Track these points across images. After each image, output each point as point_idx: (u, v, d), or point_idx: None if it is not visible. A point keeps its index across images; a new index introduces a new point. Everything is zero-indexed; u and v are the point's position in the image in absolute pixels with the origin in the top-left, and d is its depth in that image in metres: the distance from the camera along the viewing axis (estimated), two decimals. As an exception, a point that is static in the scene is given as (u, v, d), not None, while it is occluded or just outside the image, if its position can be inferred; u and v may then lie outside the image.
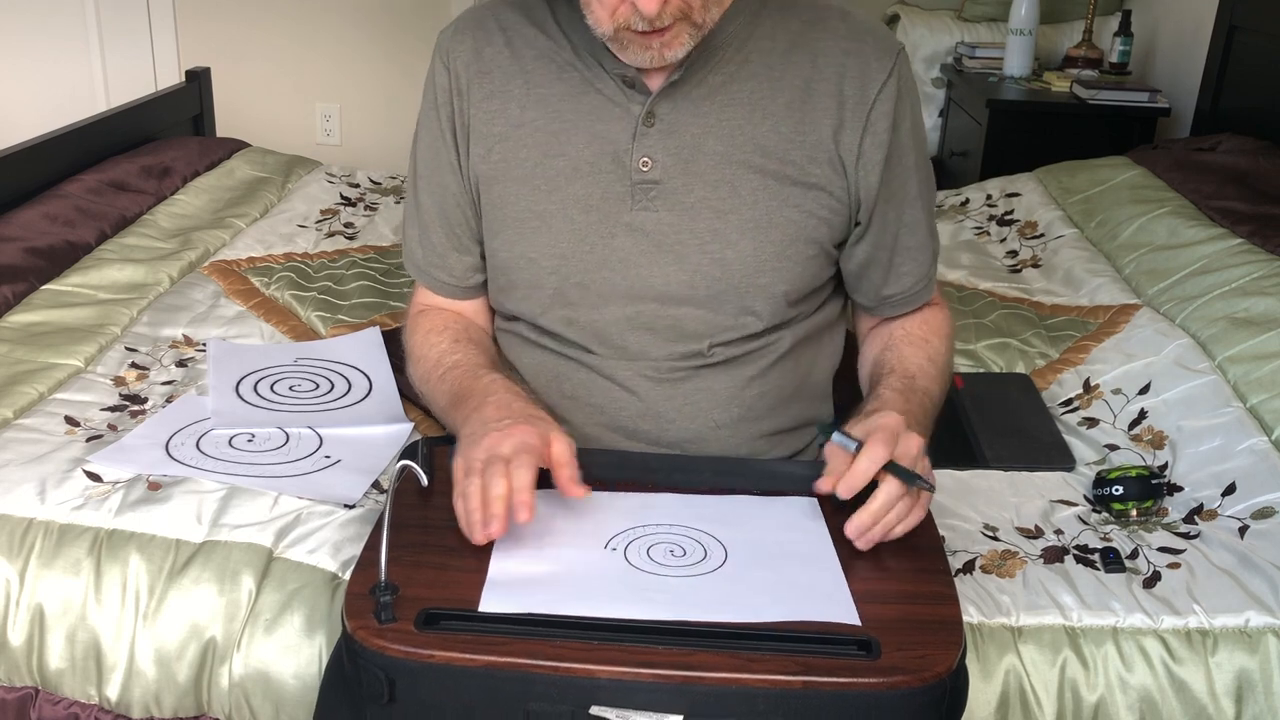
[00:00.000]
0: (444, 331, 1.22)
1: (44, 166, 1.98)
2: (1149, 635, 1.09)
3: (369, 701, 0.87)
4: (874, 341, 1.24)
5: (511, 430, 1.00)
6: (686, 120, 1.11)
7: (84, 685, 1.13)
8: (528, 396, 1.09)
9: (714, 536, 1.00)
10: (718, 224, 1.11)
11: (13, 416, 1.33)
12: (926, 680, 0.84)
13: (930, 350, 1.19)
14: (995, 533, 1.24)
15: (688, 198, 1.11)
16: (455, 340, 1.20)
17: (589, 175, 1.12)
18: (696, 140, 1.11)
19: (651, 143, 1.11)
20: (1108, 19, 3.18)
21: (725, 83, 1.11)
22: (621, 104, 1.12)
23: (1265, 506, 1.24)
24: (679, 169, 1.11)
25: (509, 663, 0.84)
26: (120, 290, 1.70)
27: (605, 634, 0.87)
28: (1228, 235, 1.80)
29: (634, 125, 1.11)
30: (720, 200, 1.11)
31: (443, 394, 1.15)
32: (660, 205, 1.12)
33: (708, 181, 1.11)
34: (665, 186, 1.11)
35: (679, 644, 0.86)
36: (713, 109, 1.11)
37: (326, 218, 2.14)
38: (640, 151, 1.11)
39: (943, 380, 1.19)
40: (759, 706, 0.83)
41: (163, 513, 1.17)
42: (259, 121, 3.48)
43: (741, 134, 1.11)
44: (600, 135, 1.12)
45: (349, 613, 0.89)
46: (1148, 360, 1.54)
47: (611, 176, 1.12)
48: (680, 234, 1.12)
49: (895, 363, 1.16)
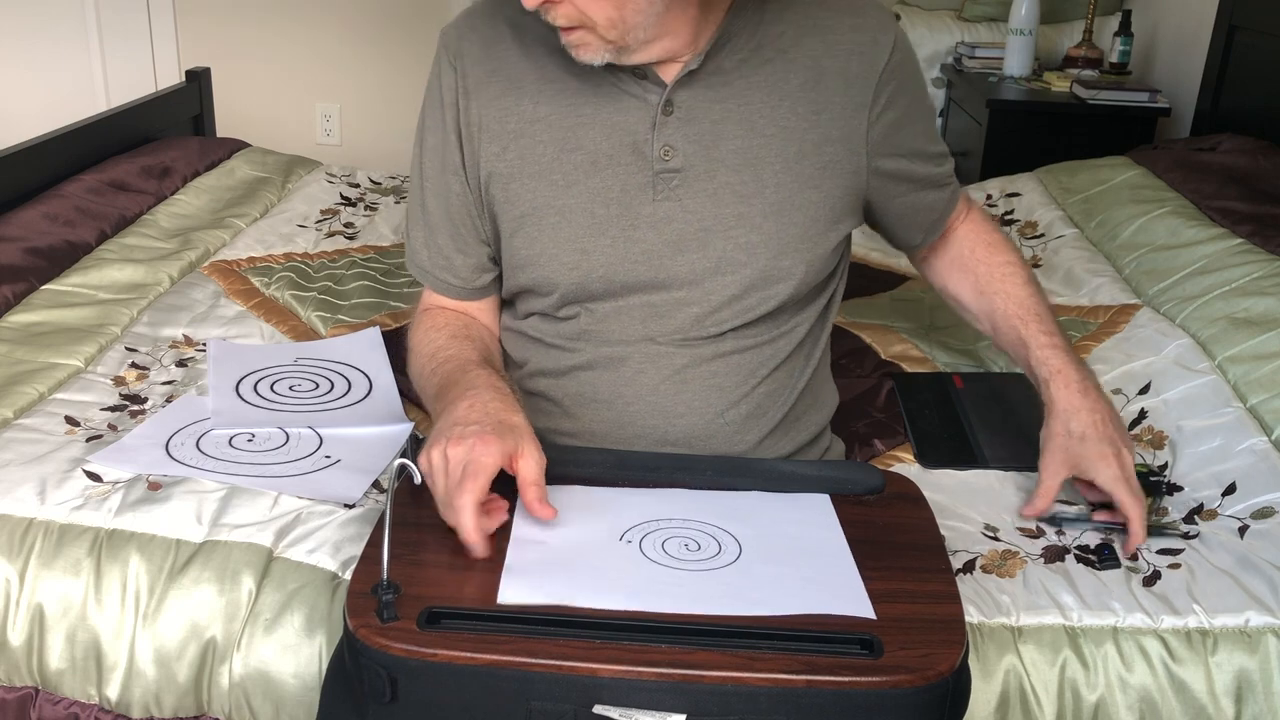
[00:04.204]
0: (444, 328, 1.21)
1: (44, 166, 1.98)
2: (1149, 635, 1.09)
3: (371, 700, 0.87)
4: (952, 273, 1.37)
5: (470, 442, 0.95)
6: (706, 108, 1.11)
7: (84, 685, 1.13)
8: (509, 398, 1.05)
9: (728, 531, 1.01)
10: (742, 209, 1.12)
11: (13, 416, 1.33)
12: (929, 679, 0.84)
13: (1009, 258, 1.35)
14: (995, 533, 1.24)
15: (710, 184, 1.12)
16: (453, 336, 1.20)
17: (608, 168, 1.12)
18: (717, 127, 1.11)
19: (672, 131, 1.11)
20: (1108, 19, 3.18)
21: (740, 68, 1.12)
22: (638, 94, 1.12)
23: (1265, 506, 1.24)
24: (701, 156, 1.11)
25: (511, 661, 0.84)
26: (120, 290, 1.70)
27: (608, 633, 0.87)
28: (1228, 235, 1.80)
29: (653, 115, 1.11)
30: (743, 185, 1.12)
31: (432, 385, 1.14)
32: (684, 194, 1.12)
33: (730, 167, 1.12)
34: (687, 174, 1.11)
35: (681, 643, 0.86)
36: (731, 95, 1.12)
37: (326, 218, 2.14)
38: (661, 140, 1.11)
39: (1037, 282, 1.35)
40: (761, 705, 0.83)
41: (163, 513, 1.17)
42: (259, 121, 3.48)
43: (761, 118, 1.12)
44: (619, 126, 1.12)
45: (351, 611, 0.88)
46: (1148, 360, 1.54)
47: (632, 168, 1.12)
48: (705, 221, 1.12)
49: (1013, 306, 1.31)
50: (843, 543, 0.99)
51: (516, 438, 0.98)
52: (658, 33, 1.07)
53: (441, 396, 1.08)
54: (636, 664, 0.84)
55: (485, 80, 1.15)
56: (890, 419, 1.49)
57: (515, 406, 1.03)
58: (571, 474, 1.10)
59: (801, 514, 1.04)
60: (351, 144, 3.79)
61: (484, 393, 1.03)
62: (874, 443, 1.44)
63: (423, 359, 1.19)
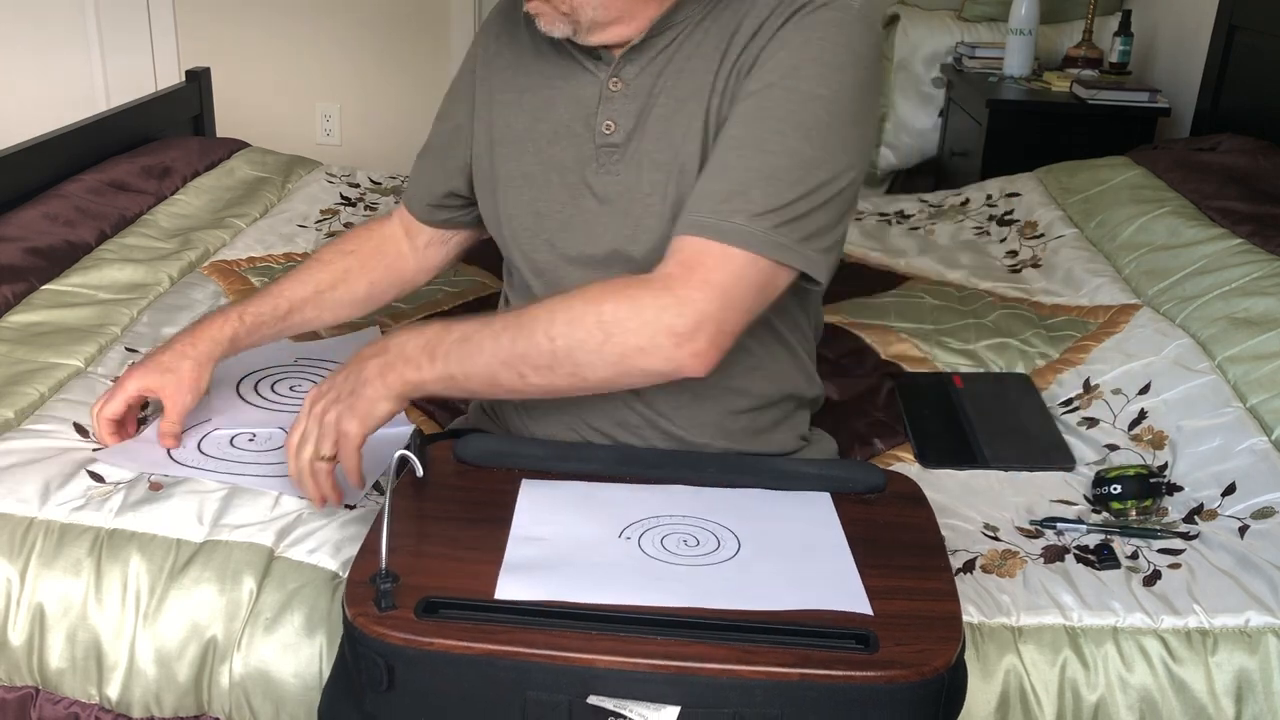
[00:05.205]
0: (344, 244, 1.39)
1: (44, 166, 1.98)
2: (1149, 635, 1.09)
3: (369, 689, 0.87)
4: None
5: (129, 368, 1.24)
6: (648, 82, 1.13)
7: (84, 685, 1.13)
8: (201, 345, 1.27)
9: (727, 527, 1.01)
10: (657, 176, 1.12)
11: (14, 417, 1.33)
12: (924, 675, 0.84)
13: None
14: (995, 532, 1.24)
15: (638, 155, 1.13)
16: (329, 259, 1.36)
17: (566, 139, 1.16)
18: (653, 101, 1.12)
19: (615, 106, 1.13)
20: (1108, 19, 3.18)
21: (680, 41, 1.12)
22: (593, 70, 1.15)
23: (1265, 506, 1.24)
24: (638, 131, 1.13)
25: (507, 651, 0.85)
26: (120, 290, 1.70)
27: (604, 624, 0.87)
28: (1228, 235, 1.80)
29: (600, 89, 1.14)
30: (659, 153, 1.12)
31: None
32: (621, 167, 1.13)
33: (652, 136, 1.12)
34: (625, 149, 1.13)
35: (677, 635, 0.86)
36: (669, 69, 1.12)
37: (326, 218, 2.14)
38: (604, 115, 1.14)
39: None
40: (756, 698, 0.83)
41: (163, 513, 1.17)
42: (259, 121, 3.48)
43: (688, 89, 1.11)
44: (576, 99, 1.16)
45: (349, 600, 0.89)
46: (1148, 360, 1.54)
47: (582, 139, 1.15)
48: (636, 195, 1.13)
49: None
50: (842, 540, 1.00)
51: (164, 381, 1.25)
52: (615, 15, 1.10)
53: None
54: (632, 655, 0.84)
55: (497, 53, 1.24)
56: (890, 419, 1.49)
57: (195, 355, 1.26)
58: (574, 470, 1.11)
59: (801, 511, 1.04)
60: (351, 144, 3.79)
61: (189, 334, 1.28)
62: (874, 442, 1.44)
63: (301, 264, 1.38)
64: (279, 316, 1.33)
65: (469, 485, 1.09)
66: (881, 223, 2.33)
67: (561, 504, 1.01)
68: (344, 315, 1.39)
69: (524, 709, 0.85)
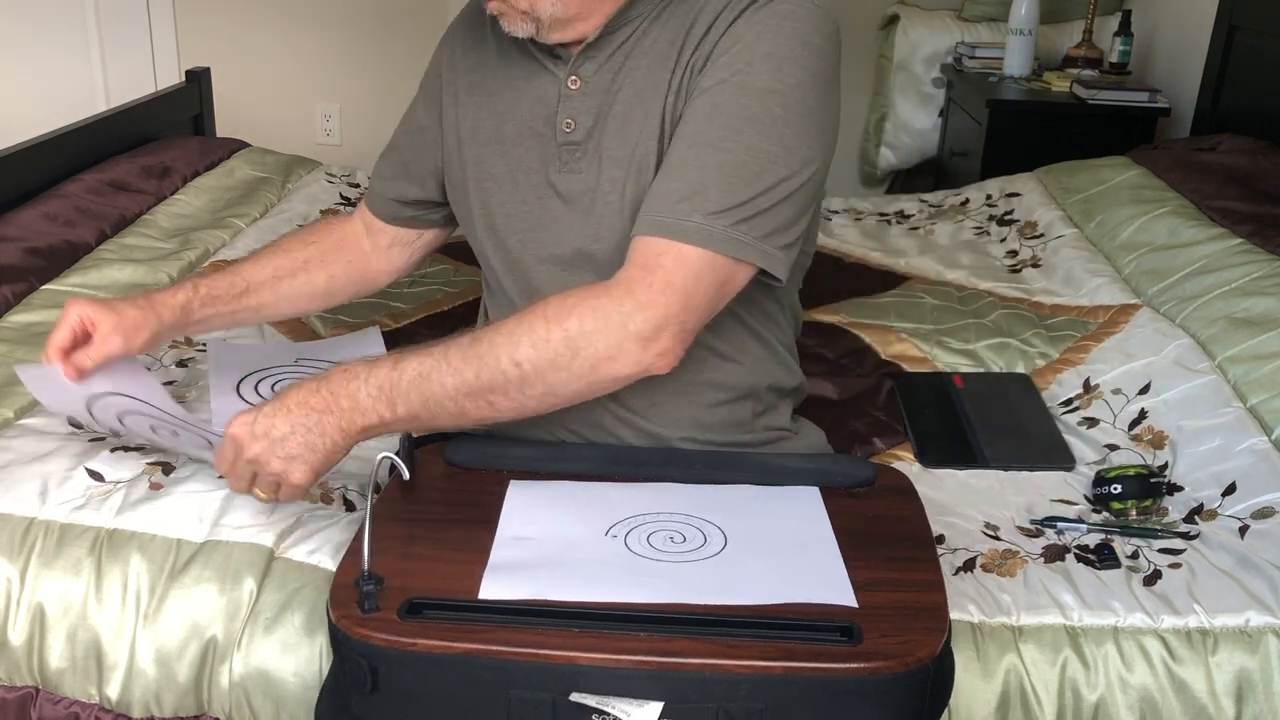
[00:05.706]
0: (307, 234, 1.38)
1: (44, 166, 1.98)
2: (1149, 635, 1.09)
3: (353, 691, 0.87)
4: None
5: (88, 298, 1.21)
6: (605, 80, 1.13)
7: (84, 685, 1.13)
8: (154, 310, 1.22)
9: (713, 524, 1.01)
10: (615, 173, 1.12)
11: (14, 416, 1.33)
12: (908, 666, 0.84)
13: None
14: (996, 532, 1.24)
15: (604, 157, 1.13)
16: (289, 247, 1.36)
17: (530, 139, 1.16)
18: (612, 98, 1.12)
19: (575, 105, 1.14)
20: (1108, 19, 3.18)
21: (637, 38, 1.12)
22: (553, 69, 1.16)
23: (1265, 506, 1.24)
24: (597, 129, 1.13)
25: (490, 650, 0.85)
26: (120, 290, 1.70)
27: (586, 621, 0.87)
28: (1228, 235, 1.80)
29: (559, 88, 1.14)
30: (618, 149, 1.12)
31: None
32: (582, 166, 1.13)
33: (611, 133, 1.12)
34: (585, 148, 1.13)
35: (660, 631, 0.86)
36: (626, 66, 1.12)
37: (326, 218, 2.14)
38: (564, 114, 1.14)
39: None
40: (741, 692, 0.83)
41: (163, 513, 1.17)
42: (259, 121, 3.48)
43: (644, 85, 1.11)
44: (538, 99, 1.16)
45: (334, 602, 0.90)
46: (1148, 360, 1.54)
47: (544, 139, 1.15)
48: (597, 193, 1.13)
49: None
50: (828, 533, 1.00)
51: (102, 315, 1.18)
52: (574, 11, 1.10)
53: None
54: (614, 652, 0.84)
55: (462, 56, 1.24)
56: (890, 419, 1.49)
57: (142, 306, 1.21)
58: (562, 470, 1.11)
59: (789, 506, 1.04)
60: (351, 144, 3.79)
61: (144, 293, 1.26)
62: (874, 442, 1.44)
63: (261, 249, 1.39)
64: (235, 294, 1.30)
65: (458, 487, 1.09)
66: (881, 223, 2.33)
67: (548, 504, 1.01)
68: (302, 307, 1.38)
69: (507, 708, 0.85)
